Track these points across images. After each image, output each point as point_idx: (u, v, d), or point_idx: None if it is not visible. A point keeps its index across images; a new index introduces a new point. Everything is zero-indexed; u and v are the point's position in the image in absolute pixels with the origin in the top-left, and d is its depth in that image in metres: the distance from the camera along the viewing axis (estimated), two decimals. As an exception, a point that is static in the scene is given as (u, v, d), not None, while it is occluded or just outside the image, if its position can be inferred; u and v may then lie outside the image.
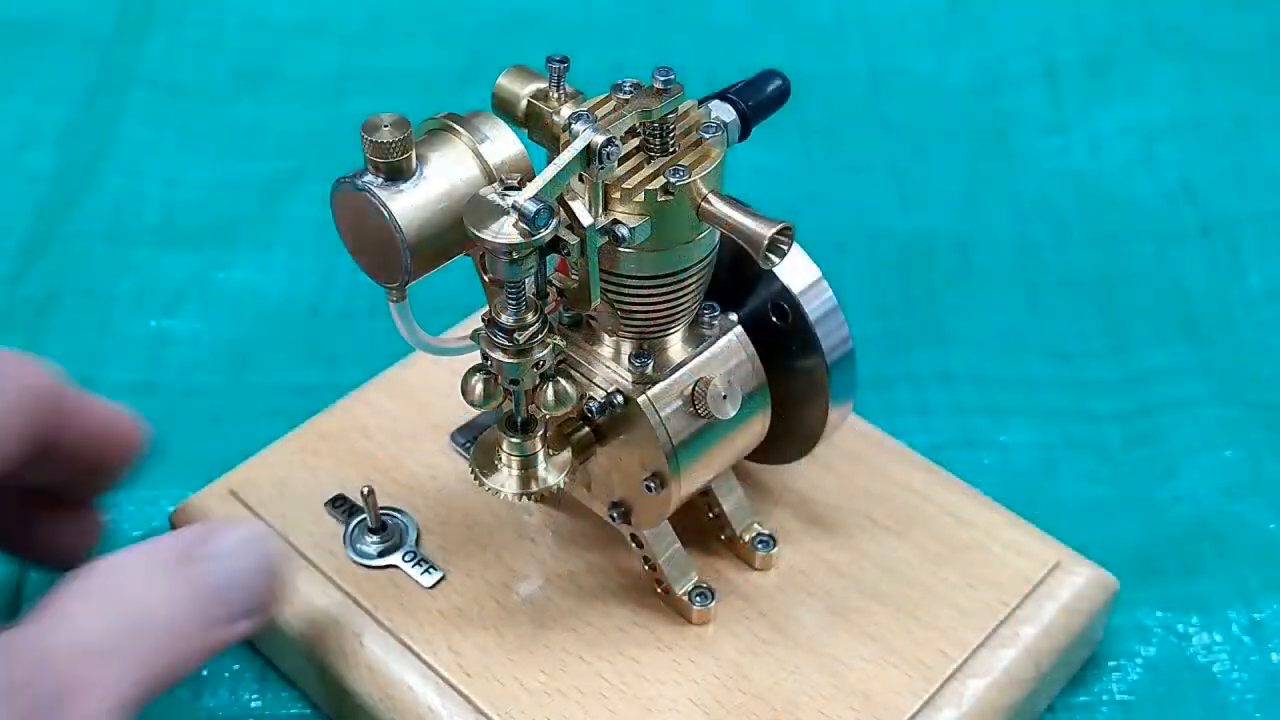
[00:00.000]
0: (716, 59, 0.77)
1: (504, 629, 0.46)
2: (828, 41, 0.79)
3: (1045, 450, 0.58)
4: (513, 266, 0.38)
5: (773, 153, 0.65)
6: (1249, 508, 0.56)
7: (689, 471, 0.43)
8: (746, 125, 0.42)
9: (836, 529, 0.49)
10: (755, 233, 0.38)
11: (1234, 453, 0.58)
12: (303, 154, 0.72)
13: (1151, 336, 0.63)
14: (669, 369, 0.43)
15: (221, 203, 0.69)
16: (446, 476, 0.51)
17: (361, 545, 0.48)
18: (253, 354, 0.62)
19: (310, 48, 0.78)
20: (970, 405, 0.60)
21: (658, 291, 0.41)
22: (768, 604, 0.47)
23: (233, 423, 0.59)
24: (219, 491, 0.50)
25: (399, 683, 0.45)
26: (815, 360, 0.44)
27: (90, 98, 0.74)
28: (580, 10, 0.80)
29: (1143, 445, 0.59)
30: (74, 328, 0.62)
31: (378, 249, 0.40)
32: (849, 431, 0.51)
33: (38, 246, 0.66)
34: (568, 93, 0.41)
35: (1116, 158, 0.72)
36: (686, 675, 0.45)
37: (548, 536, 0.49)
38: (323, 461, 0.51)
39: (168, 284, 0.65)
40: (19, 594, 0.52)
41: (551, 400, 0.41)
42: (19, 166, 0.71)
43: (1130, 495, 0.57)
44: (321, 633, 0.46)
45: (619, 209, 0.39)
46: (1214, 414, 0.59)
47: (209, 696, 0.49)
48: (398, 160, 0.38)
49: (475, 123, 0.41)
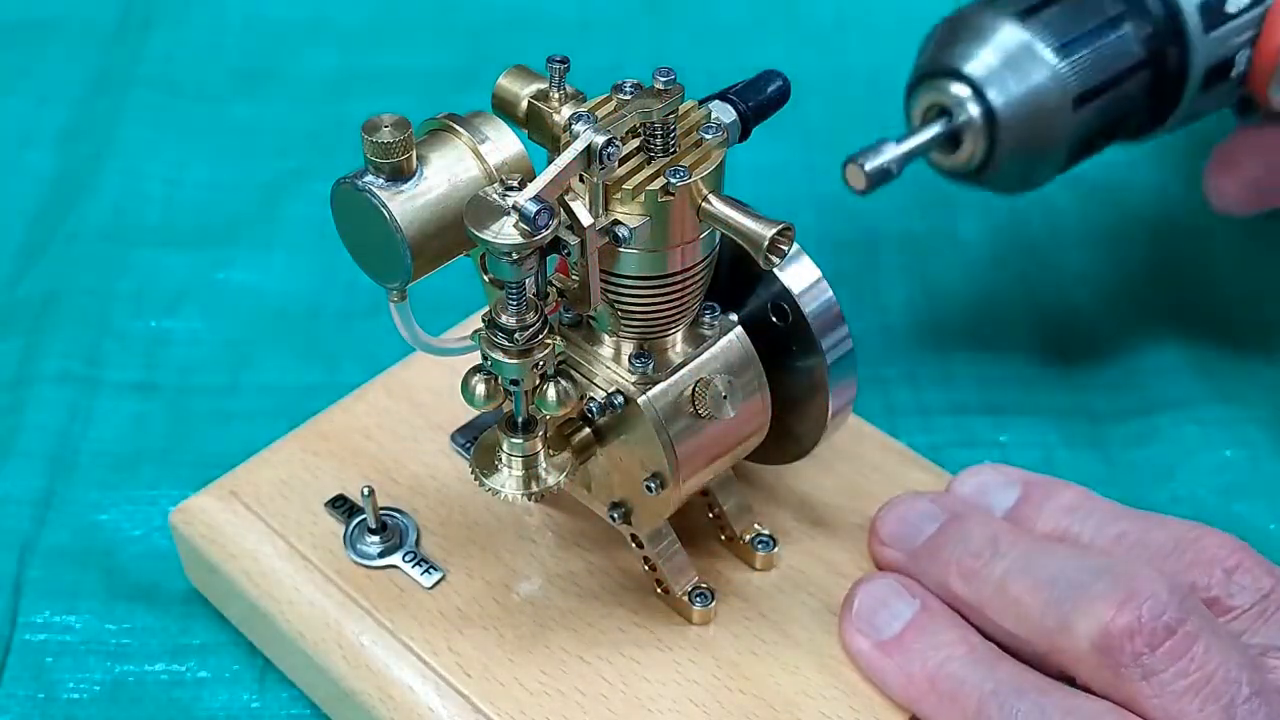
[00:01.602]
0: (716, 59, 0.77)
1: (504, 629, 0.46)
2: (828, 41, 0.79)
3: (1044, 450, 0.58)
4: (513, 267, 0.38)
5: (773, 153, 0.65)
6: (1248, 508, 0.56)
7: (689, 472, 0.43)
8: (747, 125, 0.42)
9: (836, 529, 0.49)
10: (755, 233, 0.38)
11: (1234, 453, 0.58)
12: (303, 154, 0.72)
13: (1151, 336, 0.63)
14: (669, 369, 0.43)
15: (221, 203, 0.69)
16: (447, 477, 0.51)
17: (361, 545, 0.48)
18: (253, 354, 0.62)
19: (310, 48, 0.78)
20: (970, 405, 0.60)
21: (658, 292, 0.41)
22: (768, 604, 0.47)
23: (233, 423, 0.59)
24: (219, 491, 0.50)
25: (399, 683, 0.45)
26: (815, 360, 0.44)
27: (90, 98, 0.74)
28: (580, 10, 0.80)
29: (1142, 445, 0.59)
30: (74, 328, 0.62)
31: (378, 249, 0.40)
32: (849, 431, 0.51)
33: (38, 246, 0.66)
34: (568, 93, 0.41)
35: (1114, 156, 0.72)
36: (686, 675, 0.45)
37: (548, 537, 0.49)
38: (323, 462, 0.51)
39: (168, 284, 0.65)
40: (18, 592, 0.52)
41: (553, 400, 0.41)
42: (19, 166, 0.71)
43: (1129, 495, 0.56)
44: (321, 633, 0.46)
45: (619, 209, 0.39)
46: (1214, 414, 0.59)
47: (209, 697, 0.49)
48: (398, 160, 0.38)
49: (476, 123, 0.41)
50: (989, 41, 0.49)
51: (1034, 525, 0.46)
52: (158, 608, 0.52)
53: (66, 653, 0.50)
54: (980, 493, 0.48)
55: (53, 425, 0.58)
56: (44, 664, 0.50)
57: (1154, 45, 0.50)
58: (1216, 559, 0.43)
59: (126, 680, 0.50)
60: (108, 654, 0.50)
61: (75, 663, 0.50)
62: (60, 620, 0.51)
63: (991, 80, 0.49)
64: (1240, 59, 0.51)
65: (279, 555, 0.48)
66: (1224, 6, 0.50)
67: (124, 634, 0.51)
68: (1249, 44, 0.51)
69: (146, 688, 0.50)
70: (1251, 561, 0.43)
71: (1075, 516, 0.46)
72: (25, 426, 0.58)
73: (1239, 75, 0.51)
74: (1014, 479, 0.48)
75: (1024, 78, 0.49)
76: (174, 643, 0.51)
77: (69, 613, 0.52)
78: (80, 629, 0.51)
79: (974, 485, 0.48)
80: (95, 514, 0.55)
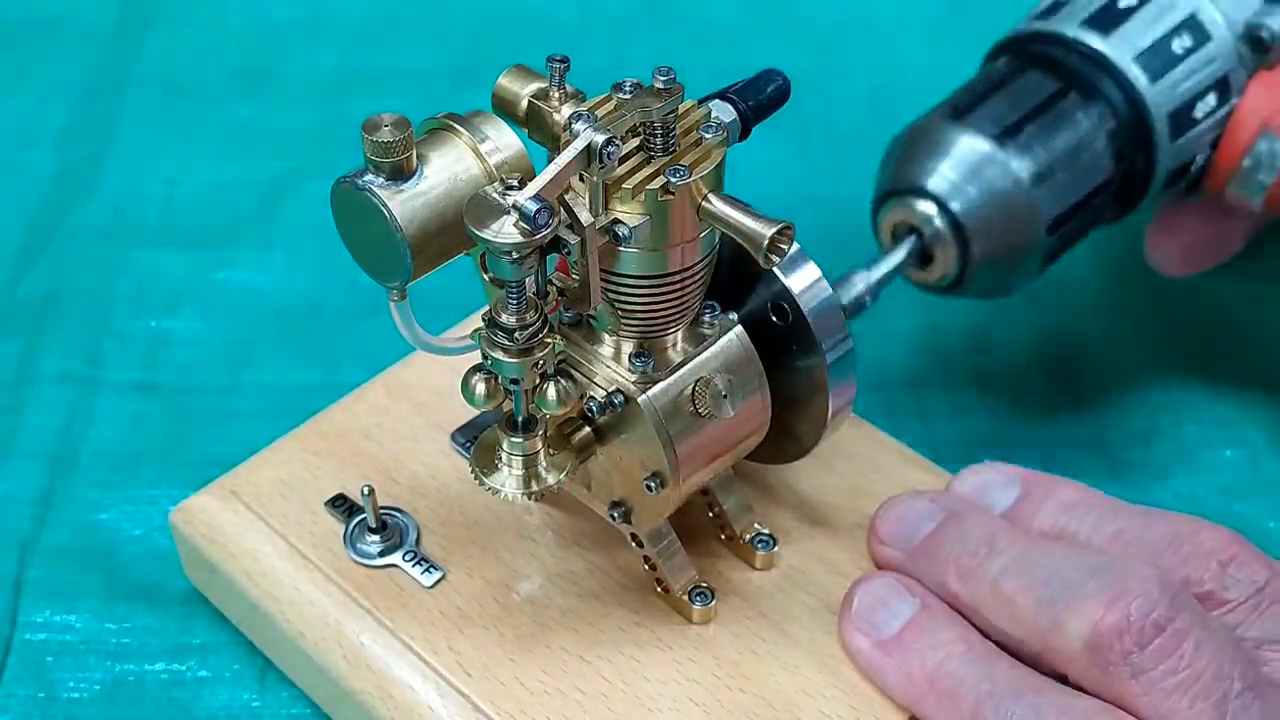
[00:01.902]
0: (716, 59, 0.77)
1: (504, 628, 0.46)
2: (828, 41, 0.79)
3: (1043, 449, 0.58)
4: (513, 266, 0.38)
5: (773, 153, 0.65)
6: (1248, 507, 0.56)
7: (689, 471, 0.43)
8: (746, 125, 0.42)
9: (837, 529, 0.49)
10: (755, 232, 0.38)
11: (1233, 452, 0.58)
12: (303, 154, 0.72)
13: (1150, 335, 0.63)
14: (669, 368, 0.43)
15: (221, 203, 0.69)
16: (447, 476, 0.51)
17: (362, 545, 0.48)
18: (253, 354, 0.62)
19: (310, 48, 0.78)
20: (969, 405, 0.60)
21: (658, 291, 0.41)
22: (768, 603, 0.47)
23: (233, 423, 0.59)
24: (219, 491, 0.50)
25: (399, 682, 0.45)
26: (815, 360, 0.44)
27: (90, 97, 0.74)
28: (580, 10, 0.80)
29: (1141, 444, 0.59)
30: (74, 328, 0.62)
31: (378, 249, 0.40)
32: (849, 431, 0.51)
33: (38, 246, 0.66)
34: (568, 92, 0.41)
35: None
36: (687, 675, 0.45)
37: (548, 536, 0.49)
38: (323, 461, 0.51)
39: (168, 284, 0.65)
40: (18, 592, 0.52)
41: (553, 399, 0.41)
42: (19, 166, 0.71)
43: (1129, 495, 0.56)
44: (321, 632, 0.46)
45: (619, 209, 0.39)
46: (1213, 414, 0.59)
47: (209, 696, 0.49)
48: (398, 160, 0.38)
49: (476, 122, 0.41)
50: (957, 157, 0.48)
51: (1033, 523, 0.46)
52: (158, 607, 0.52)
53: (67, 652, 0.50)
54: (980, 491, 0.48)
55: (53, 425, 0.58)
56: (44, 663, 0.50)
57: (1123, 157, 0.50)
58: (1212, 552, 0.43)
59: (126, 680, 0.50)
60: (108, 653, 0.50)
61: (75, 662, 0.50)
62: (60, 620, 0.51)
63: (960, 197, 0.48)
64: (1200, 158, 0.51)
65: (279, 555, 0.48)
66: (1192, 112, 0.50)
67: (124, 633, 0.51)
68: (1211, 145, 0.51)
69: (146, 687, 0.50)
70: (1248, 555, 0.43)
71: (1074, 514, 0.46)
72: (25, 426, 0.58)
73: (1197, 170, 0.52)
74: (1014, 477, 0.48)
75: (1003, 205, 0.48)
76: (174, 642, 0.51)
77: (69, 612, 0.52)
78: (80, 628, 0.51)
79: (974, 484, 0.48)
80: (95, 514, 0.55)
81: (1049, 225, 0.49)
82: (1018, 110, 0.49)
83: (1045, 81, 0.50)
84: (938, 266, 0.49)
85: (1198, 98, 0.49)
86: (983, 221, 0.48)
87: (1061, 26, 0.51)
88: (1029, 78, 0.50)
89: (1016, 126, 0.48)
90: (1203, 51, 0.50)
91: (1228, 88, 0.50)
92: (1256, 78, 0.50)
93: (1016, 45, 0.52)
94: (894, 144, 0.51)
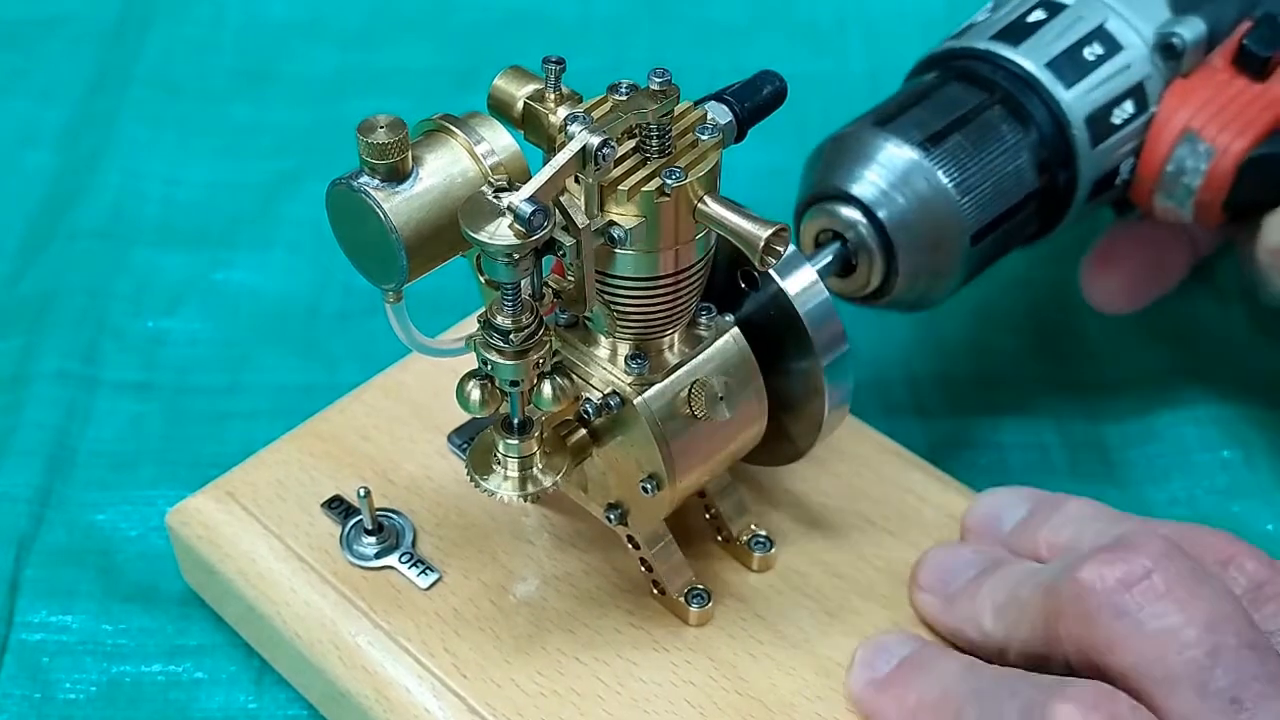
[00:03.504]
0: (715, 59, 0.77)
1: (500, 630, 0.46)
2: (827, 41, 0.79)
3: (1042, 451, 0.58)
4: (508, 268, 0.38)
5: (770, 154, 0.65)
6: (1246, 508, 0.56)
7: (685, 473, 0.43)
8: (742, 127, 0.42)
9: (834, 530, 0.49)
10: (751, 234, 0.38)
11: (1231, 453, 0.58)
12: (302, 154, 0.72)
13: (1148, 335, 0.63)
14: (665, 370, 0.43)
15: (221, 203, 0.69)
16: (443, 478, 0.51)
17: (358, 546, 0.48)
18: (251, 354, 0.62)
19: (310, 48, 0.78)
20: (968, 405, 0.60)
21: (654, 293, 0.41)
22: (764, 605, 0.47)
23: (230, 423, 0.59)
24: (216, 492, 0.50)
25: (395, 683, 0.45)
26: (811, 361, 0.44)
27: (90, 97, 0.74)
28: (579, 10, 0.80)
29: (1140, 445, 0.59)
30: (72, 327, 0.62)
31: (374, 250, 0.40)
32: (846, 432, 0.51)
33: (37, 246, 0.66)
34: (564, 94, 0.41)
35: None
36: (683, 677, 0.45)
37: (544, 538, 0.49)
38: (320, 462, 0.51)
39: (167, 284, 0.65)
40: (14, 591, 0.52)
41: (549, 396, 0.41)
42: (19, 166, 0.71)
43: (1128, 495, 0.56)
44: (318, 634, 0.46)
45: (614, 210, 0.39)
46: (1211, 414, 0.59)
47: (205, 697, 0.49)
48: (393, 161, 0.38)
49: (471, 124, 0.41)
50: (883, 164, 0.48)
51: (1039, 534, 0.46)
52: (154, 608, 0.52)
53: (63, 653, 0.50)
54: (993, 513, 0.48)
55: (50, 424, 0.58)
56: (41, 664, 0.50)
57: (1046, 165, 0.50)
58: (1212, 550, 0.43)
59: (123, 680, 0.50)
60: (104, 654, 0.50)
61: (72, 663, 0.50)
62: (57, 620, 0.51)
63: (886, 204, 0.47)
64: (1124, 168, 0.51)
65: (275, 556, 0.48)
66: (1110, 118, 0.50)
67: (121, 634, 0.51)
68: (1133, 154, 0.51)
69: (143, 688, 0.50)
70: (1247, 554, 0.43)
71: (1079, 524, 0.46)
72: (23, 425, 0.58)
73: (1123, 183, 0.52)
74: (1024, 497, 0.48)
75: (929, 213, 0.47)
76: (171, 643, 0.51)
77: (66, 612, 0.52)
78: (77, 629, 0.51)
79: (988, 504, 0.49)
80: (92, 514, 0.55)
81: (974, 235, 0.48)
82: (942, 119, 0.49)
83: (968, 93, 0.50)
84: (860, 275, 0.49)
85: (1114, 103, 0.49)
86: (908, 229, 0.47)
87: (973, 41, 0.51)
88: (952, 89, 0.50)
89: (942, 135, 0.48)
90: (1116, 59, 0.50)
91: (1144, 95, 0.50)
92: (1173, 85, 0.51)
93: (935, 63, 0.52)
94: (817, 151, 0.50)
